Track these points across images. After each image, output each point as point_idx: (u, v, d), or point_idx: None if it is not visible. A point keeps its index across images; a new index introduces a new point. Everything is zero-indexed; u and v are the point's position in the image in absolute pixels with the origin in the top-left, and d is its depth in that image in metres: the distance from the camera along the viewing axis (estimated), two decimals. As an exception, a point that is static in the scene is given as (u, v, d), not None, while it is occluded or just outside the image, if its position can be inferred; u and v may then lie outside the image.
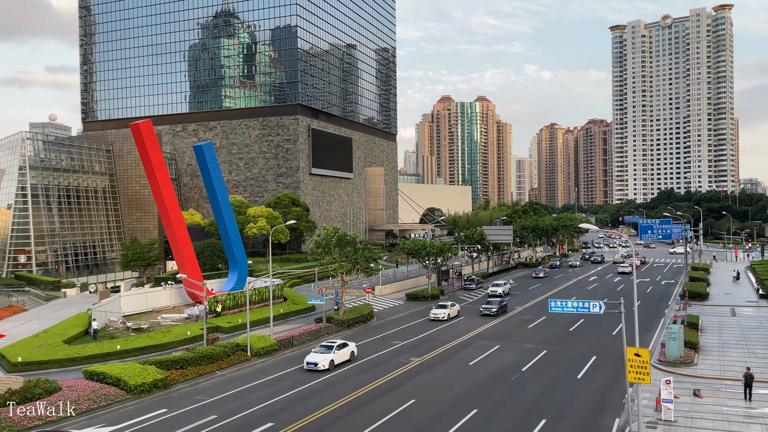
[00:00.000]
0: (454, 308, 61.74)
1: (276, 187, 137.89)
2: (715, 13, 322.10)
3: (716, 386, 35.78)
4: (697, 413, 30.91)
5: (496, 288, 75.85)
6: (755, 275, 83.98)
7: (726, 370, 38.90)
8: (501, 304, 62.67)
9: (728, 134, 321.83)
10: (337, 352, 42.44)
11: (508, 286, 78.85)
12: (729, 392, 34.53)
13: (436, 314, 59.67)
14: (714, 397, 33.65)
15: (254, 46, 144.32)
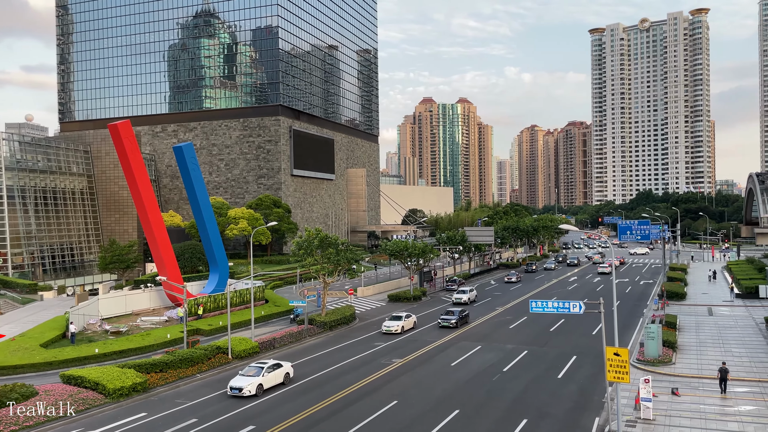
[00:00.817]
0: (409, 320, 56.18)
1: (257, 188, 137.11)
2: (692, 17, 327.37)
3: (694, 385, 36.30)
4: (676, 412, 31.33)
5: (461, 295, 70.93)
6: (731, 275, 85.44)
7: (703, 369, 39.49)
8: (461, 314, 57.54)
9: (705, 136, 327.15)
10: (267, 375, 36.98)
11: (474, 294, 73.67)
12: (706, 390, 35.06)
13: (389, 327, 54.17)
14: (692, 395, 34.14)
15: (235, 46, 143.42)
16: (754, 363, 40.62)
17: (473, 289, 74.48)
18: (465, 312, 59.18)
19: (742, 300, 68.46)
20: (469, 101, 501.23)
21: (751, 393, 34.29)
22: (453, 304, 69.14)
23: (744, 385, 35.79)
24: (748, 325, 53.93)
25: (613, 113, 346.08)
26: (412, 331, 54.92)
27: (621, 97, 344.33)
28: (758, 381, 36.54)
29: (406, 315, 56.66)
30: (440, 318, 57.22)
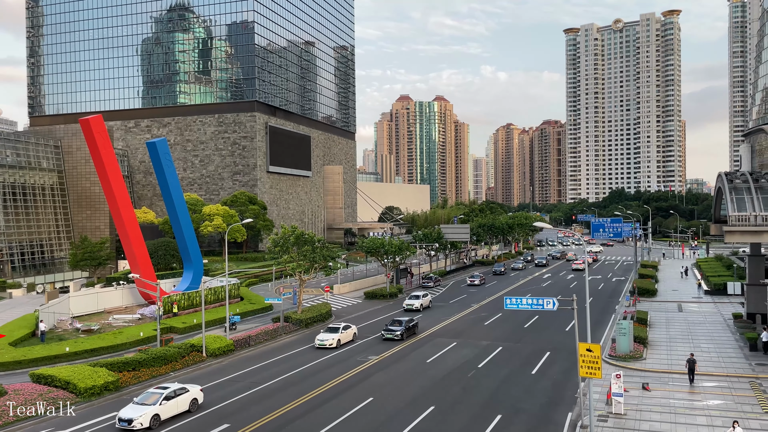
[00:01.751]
0: (348, 331, 49.25)
1: (232, 185, 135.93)
2: (663, 18, 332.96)
3: (664, 380, 37.04)
4: (646, 406, 31.94)
5: (413, 301, 64.74)
6: (701, 272, 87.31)
7: (673, 364, 40.30)
8: (409, 325, 50.99)
9: (676, 136, 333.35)
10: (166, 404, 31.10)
11: (429, 299, 67.78)
12: (676, 385, 35.80)
13: (322, 341, 47.16)
14: (662, 390, 34.83)
15: (210, 41, 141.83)
16: (722, 358, 41.59)
17: (427, 294, 68.74)
18: (413, 322, 52.48)
19: (711, 296, 70.03)
20: (446, 99, 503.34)
21: (719, 387, 35.10)
22: (403, 311, 63.09)
23: (712, 380, 36.63)
24: (717, 321, 55.19)
25: (587, 112, 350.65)
26: (351, 344, 48.50)
27: (595, 97, 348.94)
28: (726, 376, 37.43)
29: (344, 326, 49.50)
30: (383, 330, 50.48)
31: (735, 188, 42.94)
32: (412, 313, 62.23)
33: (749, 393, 33.88)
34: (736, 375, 37.54)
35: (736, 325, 51.57)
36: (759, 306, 49.95)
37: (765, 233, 40.22)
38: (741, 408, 31.29)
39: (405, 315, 59.35)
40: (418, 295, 66.72)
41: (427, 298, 67.57)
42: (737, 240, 42.20)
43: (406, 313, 61.39)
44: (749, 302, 52.14)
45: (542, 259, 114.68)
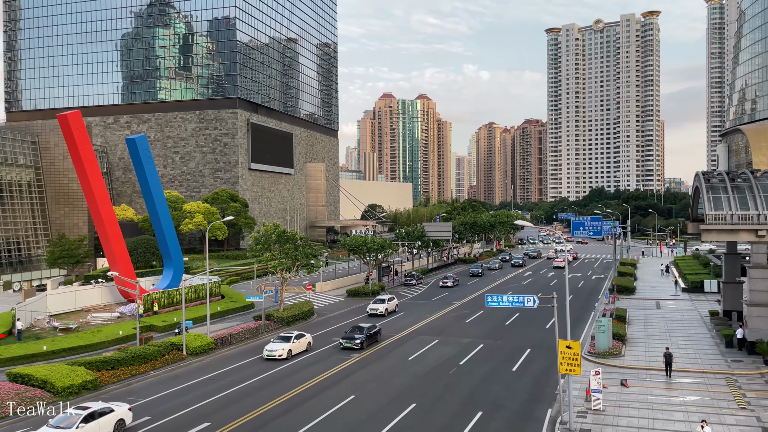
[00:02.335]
0: (300, 341, 44.59)
1: (214, 182, 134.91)
2: (643, 19, 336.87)
3: (642, 376, 37.54)
4: (625, 402, 32.36)
5: (378, 306, 60.06)
6: (678, 270, 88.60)
7: (651, 361, 40.86)
8: (370, 332, 46.71)
9: (655, 136, 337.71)
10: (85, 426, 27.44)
11: (395, 303, 62.89)
12: (654, 381, 36.31)
13: (271, 352, 42.62)
14: (640, 386, 35.31)
15: (191, 37, 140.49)
16: (699, 355, 42.27)
17: (393, 297, 63.62)
18: (375, 328, 48.17)
19: (688, 294, 71.10)
20: (429, 98, 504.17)
21: (695, 384, 35.67)
22: (367, 317, 59.12)
23: (689, 376, 37.22)
24: (694, 318, 56.06)
25: (568, 112, 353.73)
26: (304, 355, 43.88)
27: (576, 96, 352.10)
28: (702, 372, 38.05)
29: (297, 335, 44.77)
30: (342, 338, 46.15)
31: (712, 187, 43.63)
32: (376, 318, 57.80)
33: (725, 389, 34.48)
34: (712, 371, 38.18)
35: (713, 322, 52.45)
36: (735, 303, 50.87)
37: (741, 232, 40.92)
38: (717, 404, 31.83)
39: (368, 321, 55.92)
40: (383, 299, 61.71)
41: (393, 302, 62.48)
42: (714, 238, 42.86)
43: (369, 319, 57.68)
44: (725, 299, 53.08)
45: (519, 259, 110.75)
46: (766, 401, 32.10)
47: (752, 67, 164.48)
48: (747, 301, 42.55)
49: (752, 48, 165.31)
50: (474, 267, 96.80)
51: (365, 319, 57.81)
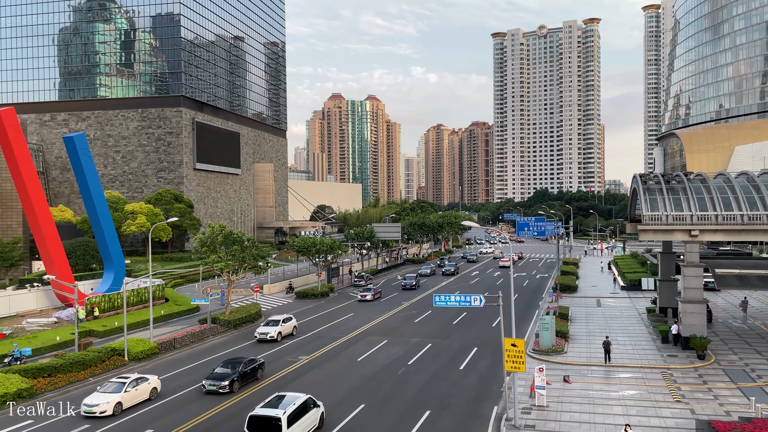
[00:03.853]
0: (142, 387, 33.45)
1: (157, 182, 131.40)
2: (584, 26, 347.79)
3: (583, 372, 38.71)
4: (567, 398, 33.29)
5: (268, 329, 48.76)
6: (617, 269, 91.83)
7: (592, 357, 42.19)
8: (246, 369, 36.27)
9: (595, 139, 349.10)
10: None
11: (292, 324, 51.51)
12: (594, 377, 37.51)
13: (90, 407, 30.95)
14: (581, 382, 36.40)
15: (133, 32, 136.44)
16: (637, 351, 43.91)
17: (291, 318, 52.11)
18: (255, 363, 37.75)
19: (627, 292, 73.78)
20: (378, 99, 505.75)
21: (633, 379, 37.04)
22: (256, 343, 48.04)
23: (628, 371, 38.61)
24: (632, 315, 58.21)
25: (513, 115, 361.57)
26: (149, 405, 33.17)
27: (521, 100, 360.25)
28: (640, 367, 39.55)
29: (136, 379, 33.52)
30: (205, 381, 35.04)
31: (648, 189, 45.43)
32: (267, 344, 47.55)
33: (661, 383, 35.94)
34: (649, 366, 39.73)
35: (650, 319, 54.59)
36: (670, 300, 53.11)
37: (675, 231, 42.77)
38: (654, 398, 33.13)
39: (255, 348, 46.03)
40: (277, 320, 50.22)
41: (290, 323, 51.29)
42: (650, 238, 44.65)
43: (257, 346, 47.05)
44: (661, 297, 55.36)
45: (450, 266, 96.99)
46: (700, 394, 33.65)
47: (686, 74, 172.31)
48: (681, 298, 44.49)
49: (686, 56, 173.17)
50: (408, 277, 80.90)
51: (252, 346, 47.44)
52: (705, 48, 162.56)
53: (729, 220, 41.70)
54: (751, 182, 45.01)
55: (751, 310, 58.64)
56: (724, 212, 41.83)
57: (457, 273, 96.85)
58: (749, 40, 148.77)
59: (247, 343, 48.83)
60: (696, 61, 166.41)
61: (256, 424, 25.68)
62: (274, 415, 25.85)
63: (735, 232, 42.25)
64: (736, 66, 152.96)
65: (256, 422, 25.71)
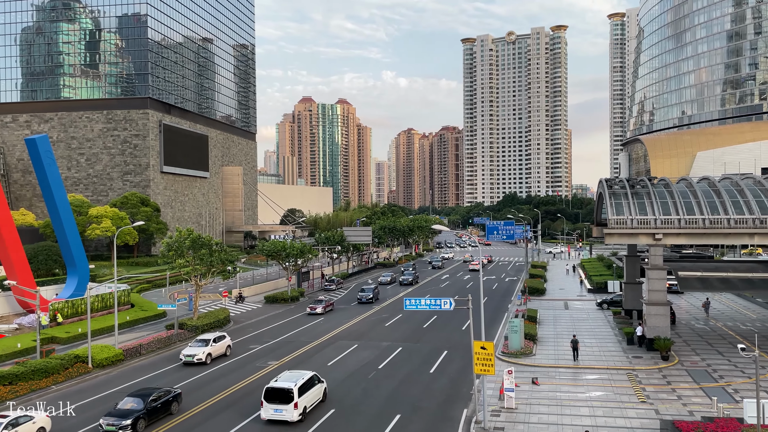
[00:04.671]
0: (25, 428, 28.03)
1: (123, 185, 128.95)
2: (552, 33, 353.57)
3: (551, 374, 39.19)
4: (536, 400, 33.65)
5: (195, 350, 42.89)
6: (584, 272, 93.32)
7: (560, 359, 42.75)
8: (153, 405, 30.73)
9: (563, 144, 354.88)
10: None
11: (226, 343, 45.50)
12: (562, 379, 38.00)
13: None
14: (550, 383, 36.84)
15: (98, 33, 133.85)
16: (603, 352, 44.65)
17: (223, 336, 45.88)
18: (169, 395, 32.21)
19: (593, 294, 75.00)
20: (349, 102, 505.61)
21: (600, 380, 37.64)
22: (181, 366, 42.25)
23: (594, 373, 39.23)
24: (599, 317, 59.19)
25: (483, 120, 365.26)
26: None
27: (490, 105, 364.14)
28: (606, 368, 40.22)
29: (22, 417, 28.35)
30: (105, 417, 29.73)
31: (614, 194, 46.32)
32: (194, 367, 41.58)
33: (627, 384, 36.60)
34: (615, 367, 40.43)
35: (616, 321, 55.60)
36: (635, 302, 54.15)
37: (640, 235, 43.68)
38: (619, 398, 33.72)
39: (180, 372, 40.62)
40: (207, 339, 44.29)
41: (223, 342, 45.17)
42: (616, 241, 45.50)
43: (182, 369, 41.35)
44: (627, 299, 56.42)
45: (409, 275, 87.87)
46: (664, 394, 34.37)
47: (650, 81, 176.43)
48: (646, 300, 45.42)
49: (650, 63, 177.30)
50: (365, 290, 72.18)
51: (177, 370, 41.54)
52: (668, 56, 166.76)
53: (691, 224, 42.76)
54: (712, 187, 46.27)
55: (712, 312, 60.20)
56: (687, 216, 42.89)
57: (416, 283, 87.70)
58: (710, 49, 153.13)
59: (216, 348, 48.12)
60: (659, 69, 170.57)
61: (272, 394, 30.37)
62: (287, 386, 30.42)
63: (697, 235, 43.35)
64: (697, 74, 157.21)
65: (272, 393, 30.41)
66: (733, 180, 47.61)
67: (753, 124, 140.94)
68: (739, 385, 35.69)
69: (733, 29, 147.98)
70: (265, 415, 30.33)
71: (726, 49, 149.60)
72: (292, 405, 29.95)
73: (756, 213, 41.98)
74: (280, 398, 30.16)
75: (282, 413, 30.01)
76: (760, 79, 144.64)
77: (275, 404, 30.17)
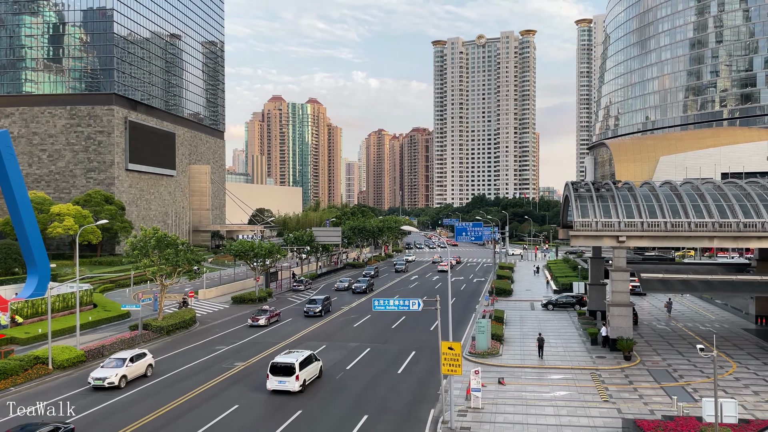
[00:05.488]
0: None
1: (86, 183, 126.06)
2: (521, 37, 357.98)
3: (517, 374, 39.67)
4: (502, 399, 34.01)
5: (106, 372, 36.66)
6: (550, 273, 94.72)
7: (526, 359, 43.30)
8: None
9: (531, 147, 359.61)
10: None
11: (146, 363, 39.53)
12: (528, 379, 38.49)
13: None
14: (516, 383, 37.28)
15: (63, 26, 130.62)
16: (568, 352, 45.38)
17: (144, 354, 40.15)
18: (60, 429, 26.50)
19: (559, 295, 76.06)
20: (319, 102, 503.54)
21: (564, 380, 38.25)
22: (91, 390, 36.07)
23: (559, 373, 39.84)
24: (563, 318, 60.14)
25: (453, 122, 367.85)
26: None
27: (460, 107, 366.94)
28: (571, 368, 40.88)
29: None
30: None
31: (580, 196, 47.14)
32: (104, 392, 35.64)
33: (590, 383, 37.27)
34: (579, 367, 41.13)
35: (580, 322, 56.55)
36: (599, 303, 55.19)
37: (604, 237, 44.55)
38: (583, 398, 34.31)
39: (87, 397, 34.77)
40: (123, 358, 38.15)
41: (142, 362, 39.24)
42: (581, 243, 46.32)
43: (90, 394, 35.42)
44: (591, 300, 57.45)
45: (362, 282, 79.85)
46: (626, 394, 35.09)
47: (615, 86, 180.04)
48: (609, 301, 46.32)
49: (615, 69, 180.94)
50: (315, 301, 63.34)
51: (85, 394, 35.64)
52: (633, 62, 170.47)
53: (654, 226, 43.79)
54: (674, 191, 47.47)
55: (674, 313, 61.74)
56: (650, 219, 43.90)
57: (370, 291, 79.73)
58: (673, 56, 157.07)
59: (180, 350, 47.41)
60: (625, 75, 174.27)
61: (276, 369, 35.45)
62: (290, 362, 35.52)
63: (659, 238, 44.41)
64: (661, 80, 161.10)
65: (277, 368, 35.48)
66: (694, 184, 48.93)
67: (713, 130, 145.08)
68: (698, 385, 36.67)
69: (695, 37, 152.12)
70: (271, 386, 35.14)
71: (688, 57, 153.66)
72: (294, 377, 34.90)
73: (715, 217, 43.20)
74: (283, 372, 34.98)
75: (285, 384, 34.97)
76: (721, 87, 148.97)
77: (279, 377, 35.11)
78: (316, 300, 63.51)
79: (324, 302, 63.45)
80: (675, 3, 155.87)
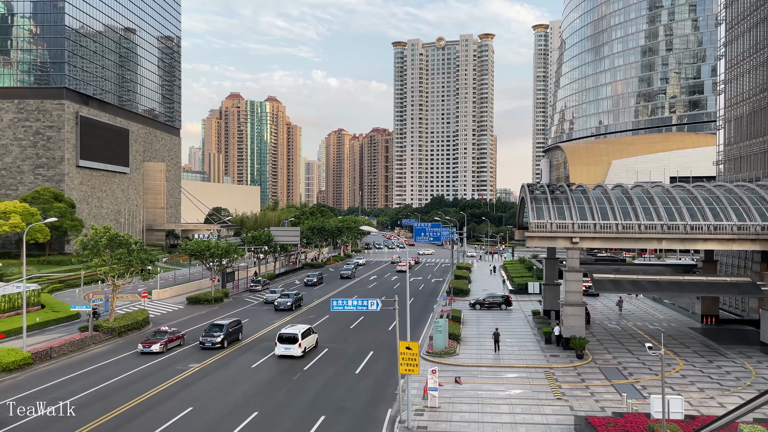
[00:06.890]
0: None
1: (34, 179, 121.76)
2: (480, 41, 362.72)
3: (474, 373, 40.15)
4: (458, 398, 34.37)
5: None
6: (507, 273, 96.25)
7: (482, 358, 43.87)
8: None
9: (489, 149, 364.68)
10: None
11: None
12: (484, 377, 39.00)
13: None
14: (472, 382, 37.72)
15: (11, 17, 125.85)
16: (523, 351, 46.19)
17: None
18: None
19: (515, 295, 77.43)
20: (278, 100, 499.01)
21: (519, 378, 38.91)
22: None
23: (514, 371, 40.51)
24: (519, 317, 61.20)
25: (413, 123, 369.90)
26: None
27: (420, 108, 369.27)
28: (525, 367, 41.62)
29: None
30: None
31: (535, 198, 48.05)
32: None
33: (544, 382, 38.01)
34: (533, 366, 41.92)
35: (535, 321, 57.66)
36: (554, 303, 56.37)
37: (558, 238, 45.52)
38: (537, 396, 34.97)
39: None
40: None
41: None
42: (536, 244, 47.21)
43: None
44: (545, 300, 58.65)
45: (288, 298, 66.45)
46: (578, 391, 35.93)
47: (570, 91, 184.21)
48: (563, 301, 47.36)
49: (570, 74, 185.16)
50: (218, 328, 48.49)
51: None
52: (587, 68, 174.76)
53: (606, 228, 44.98)
54: (625, 194, 48.88)
55: (624, 312, 63.56)
56: (602, 221, 45.08)
57: (298, 307, 66.88)
58: (626, 62, 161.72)
59: (130, 352, 46.26)
60: (579, 80, 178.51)
61: (283, 338, 44.02)
62: (294, 332, 44.39)
63: (611, 239, 45.66)
64: (614, 86, 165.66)
65: (283, 337, 44.02)
66: (644, 188, 50.49)
67: (663, 136, 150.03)
68: (647, 382, 37.84)
69: (647, 45, 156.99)
70: (278, 352, 43.82)
71: (640, 64, 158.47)
72: (297, 345, 43.56)
73: (664, 219, 44.67)
74: (289, 341, 43.61)
75: (290, 350, 43.62)
76: (670, 93, 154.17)
77: (285, 345, 43.72)
78: (221, 325, 48.83)
79: (233, 327, 49.74)
80: (628, 11, 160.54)
